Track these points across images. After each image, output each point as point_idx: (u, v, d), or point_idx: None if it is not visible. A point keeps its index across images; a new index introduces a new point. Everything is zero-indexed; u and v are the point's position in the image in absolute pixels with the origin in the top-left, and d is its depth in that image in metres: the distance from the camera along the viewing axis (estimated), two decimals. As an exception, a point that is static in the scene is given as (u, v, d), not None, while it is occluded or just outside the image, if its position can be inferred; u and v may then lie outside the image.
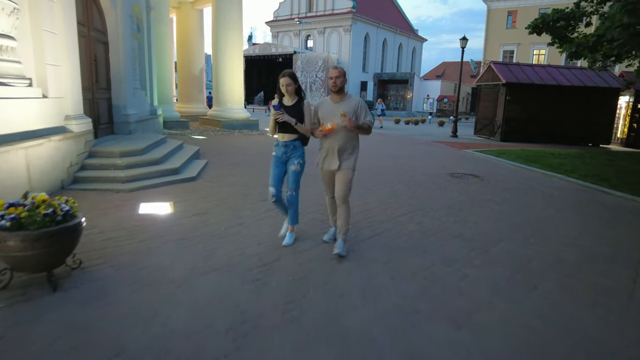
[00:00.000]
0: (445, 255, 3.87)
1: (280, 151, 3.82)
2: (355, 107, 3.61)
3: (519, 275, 3.49)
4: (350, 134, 3.64)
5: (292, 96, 3.74)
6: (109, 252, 3.60)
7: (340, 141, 3.64)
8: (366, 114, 3.64)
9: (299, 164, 3.80)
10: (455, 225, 4.80)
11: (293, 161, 3.81)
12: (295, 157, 3.79)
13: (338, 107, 3.58)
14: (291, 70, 3.80)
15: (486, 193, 6.57)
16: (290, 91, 3.69)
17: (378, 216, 4.99)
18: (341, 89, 3.64)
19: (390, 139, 15.42)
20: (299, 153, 3.80)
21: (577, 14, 9.92)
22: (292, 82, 3.66)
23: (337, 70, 3.61)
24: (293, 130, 3.69)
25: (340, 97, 3.68)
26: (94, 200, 5.09)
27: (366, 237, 4.26)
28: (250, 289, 3.02)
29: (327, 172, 3.79)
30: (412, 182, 7.07)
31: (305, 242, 4.03)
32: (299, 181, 3.87)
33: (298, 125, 3.65)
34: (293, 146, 3.81)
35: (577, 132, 16.38)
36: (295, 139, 3.77)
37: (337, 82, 3.58)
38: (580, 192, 7.12)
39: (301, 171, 3.84)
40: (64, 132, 5.54)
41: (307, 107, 3.74)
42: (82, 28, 6.50)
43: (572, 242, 4.43)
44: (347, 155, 3.69)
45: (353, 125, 3.47)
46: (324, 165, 3.77)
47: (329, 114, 3.62)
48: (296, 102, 3.73)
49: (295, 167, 3.78)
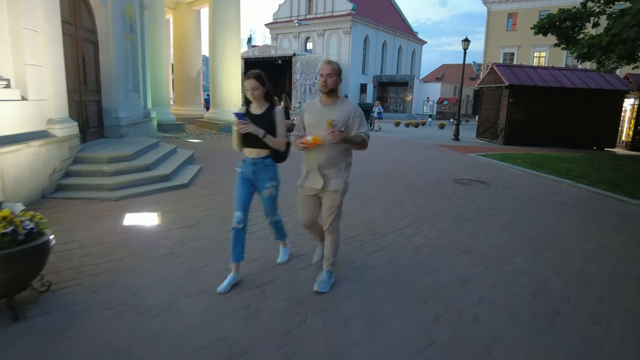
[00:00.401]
0: (456, 273, 3.53)
1: (248, 170, 3.12)
2: (347, 115, 2.89)
3: (538, 298, 3.14)
4: (340, 147, 2.92)
5: (261, 102, 3.07)
6: (85, 270, 3.26)
7: (325, 155, 2.92)
8: (361, 125, 2.90)
9: (273, 187, 3.14)
10: (465, 238, 4.46)
11: (264, 185, 3.12)
12: (266, 179, 3.10)
13: (326, 113, 2.88)
14: (257, 70, 3.06)
15: (494, 201, 6.23)
16: (258, 96, 3.02)
17: (381, 227, 4.65)
18: (333, 90, 2.92)
19: (390, 143, 15.10)
20: (271, 174, 3.12)
21: (584, 14, 9.61)
22: (258, 85, 2.98)
23: (329, 66, 2.87)
24: (263, 144, 3.00)
25: (331, 100, 2.95)
26: (77, 210, 4.74)
27: (369, 252, 3.91)
28: (240, 317, 2.67)
29: (308, 192, 3.07)
30: (415, 189, 6.73)
31: (302, 258, 3.68)
32: (276, 206, 3.30)
33: (268, 138, 2.96)
34: (263, 165, 3.09)
35: (581, 135, 16.07)
36: (266, 155, 3.08)
37: (328, 82, 2.85)
38: (592, 200, 6.78)
39: (276, 194, 3.23)
40: (45, 137, 5.20)
41: (280, 115, 3.08)
42: (68, 27, 6.17)
43: (591, 257, 4.09)
44: (335, 174, 2.98)
45: (339, 139, 2.72)
46: (305, 183, 3.07)
47: (315, 120, 2.93)
48: (266, 110, 3.06)
49: (269, 192, 3.14)
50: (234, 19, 14.03)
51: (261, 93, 3.02)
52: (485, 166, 9.97)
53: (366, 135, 2.92)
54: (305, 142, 2.85)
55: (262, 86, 3.01)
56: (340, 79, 2.91)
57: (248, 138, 2.99)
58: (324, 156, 2.93)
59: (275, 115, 3.05)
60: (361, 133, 2.90)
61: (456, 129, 17.51)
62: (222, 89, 14.25)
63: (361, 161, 9.34)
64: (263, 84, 3.01)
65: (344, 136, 2.79)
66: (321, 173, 2.97)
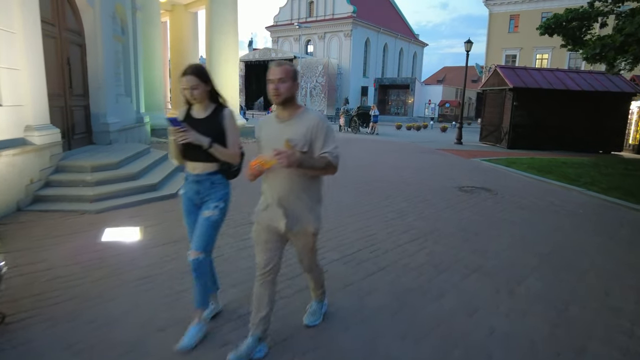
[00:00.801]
0: (464, 298, 3.16)
1: (191, 190, 2.47)
2: (308, 130, 2.14)
3: (559, 330, 2.77)
4: (304, 176, 2.20)
5: (205, 104, 2.42)
6: (48, 298, 2.90)
7: (288, 184, 2.20)
8: (326, 142, 2.16)
9: (218, 210, 2.43)
10: (472, 254, 4.09)
11: (208, 205, 2.43)
12: (213, 199, 2.43)
13: (284, 131, 2.16)
14: (197, 64, 2.41)
15: (502, 211, 5.86)
16: (199, 96, 2.35)
17: (382, 243, 4.28)
18: (289, 100, 2.16)
19: (391, 147, 14.75)
20: (221, 194, 2.45)
21: (592, 14, 9.25)
22: (198, 82, 2.32)
23: (280, 69, 2.11)
24: (209, 156, 2.37)
25: (288, 113, 2.20)
26: (52, 225, 4.40)
27: (369, 272, 3.54)
28: (219, 357, 2.31)
29: (266, 229, 2.30)
30: (418, 199, 6.36)
31: (293, 281, 3.31)
32: (213, 237, 2.46)
33: (215, 149, 2.33)
34: (210, 182, 2.43)
35: (587, 138, 15.68)
36: (213, 170, 2.43)
37: (280, 89, 2.11)
38: (606, 210, 6.40)
39: (219, 221, 2.45)
40: (22, 145, 4.86)
41: (230, 118, 2.42)
42: (50, 28, 5.84)
43: (613, 278, 3.71)
44: (302, 209, 2.25)
45: (292, 162, 1.98)
46: (262, 217, 2.31)
47: (272, 140, 2.17)
48: (212, 113, 2.42)
49: (210, 214, 2.41)
50: (231, 21, 13.72)
51: (203, 92, 2.36)
52: (490, 172, 9.59)
53: (334, 157, 2.15)
54: (250, 167, 2.09)
55: (204, 83, 2.35)
56: (296, 84, 2.19)
57: (190, 149, 2.36)
58: (286, 186, 2.20)
59: (224, 120, 2.41)
60: (326, 153, 2.13)
61: (459, 132, 17.15)
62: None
63: (360, 168, 8.99)
64: (205, 81, 2.36)
65: (300, 159, 2.03)
66: (283, 208, 2.22)
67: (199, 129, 2.32)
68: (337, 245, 4.14)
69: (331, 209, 5.50)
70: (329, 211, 5.35)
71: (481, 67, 35.69)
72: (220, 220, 2.46)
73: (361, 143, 15.87)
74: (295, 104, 2.23)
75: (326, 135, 2.17)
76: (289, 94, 2.15)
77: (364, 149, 13.53)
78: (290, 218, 2.24)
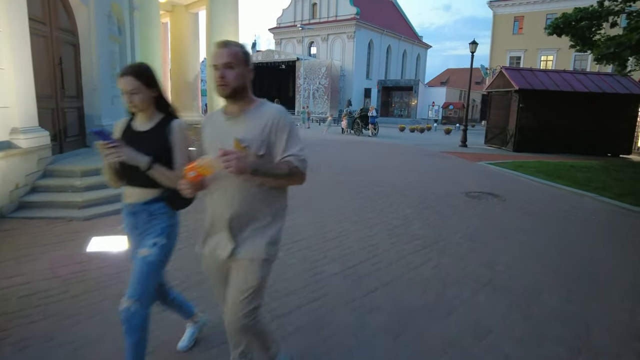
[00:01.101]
0: (474, 317, 2.89)
1: (129, 224, 2.00)
2: (265, 128, 1.69)
3: (581, 358, 2.50)
4: (260, 187, 1.71)
5: (149, 113, 1.94)
6: (22, 317, 2.67)
7: (237, 199, 1.71)
8: (290, 143, 1.69)
9: (157, 248, 1.91)
10: (481, 267, 3.82)
11: (147, 241, 1.92)
12: (152, 233, 1.93)
13: (233, 128, 1.70)
14: (141, 63, 1.96)
15: (511, 219, 5.58)
16: (140, 104, 1.87)
17: (385, 254, 4.02)
18: (239, 91, 1.70)
19: (394, 150, 14.48)
20: (161, 227, 1.94)
21: (602, 13, 8.97)
22: (139, 85, 1.85)
23: (226, 50, 1.65)
24: (149, 181, 1.87)
25: (238, 108, 1.73)
26: (37, 233, 4.17)
27: (370, 288, 3.28)
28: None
29: (214, 262, 1.84)
30: (423, 205, 6.09)
31: (290, 297, 3.06)
32: (151, 283, 1.95)
33: (155, 170, 1.83)
34: (147, 213, 1.93)
35: (595, 141, 15.33)
36: (152, 198, 1.93)
37: (228, 76, 1.64)
38: (621, 217, 6.11)
39: (158, 262, 1.94)
40: (7, 148, 4.64)
41: (180, 132, 1.94)
42: (40, 26, 5.64)
43: (637, 295, 3.43)
44: (253, 231, 1.74)
45: (244, 168, 1.51)
46: (206, 247, 1.84)
47: (218, 140, 1.70)
48: (157, 125, 1.94)
49: (146, 253, 1.90)
50: (231, 21, 13.51)
51: (145, 99, 1.88)
52: (496, 176, 9.31)
53: (300, 161, 1.67)
54: (185, 174, 1.54)
55: (147, 88, 1.87)
56: (249, 70, 1.71)
57: (126, 170, 1.86)
58: (235, 201, 1.70)
59: (171, 134, 1.91)
60: (290, 157, 1.66)
61: (464, 135, 16.86)
62: (220, 94, 13.73)
63: (363, 172, 8.73)
64: (148, 85, 1.87)
65: (254, 164, 1.57)
66: (231, 230, 1.72)
67: (139, 145, 1.83)
68: (338, 256, 3.89)
69: (333, 216, 5.25)
70: (330, 219, 5.10)
71: (486, 68, 35.34)
72: (159, 261, 1.94)
73: (364, 145, 15.61)
74: (249, 96, 1.75)
75: (289, 134, 1.69)
76: (239, 84, 1.67)
77: (367, 152, 13.27)
78: (238, 239, 1.73)
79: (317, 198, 6.17)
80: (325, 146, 14.54)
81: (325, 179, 7.82)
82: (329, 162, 10.44)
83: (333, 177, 8.10)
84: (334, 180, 7.75)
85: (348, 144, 15.71)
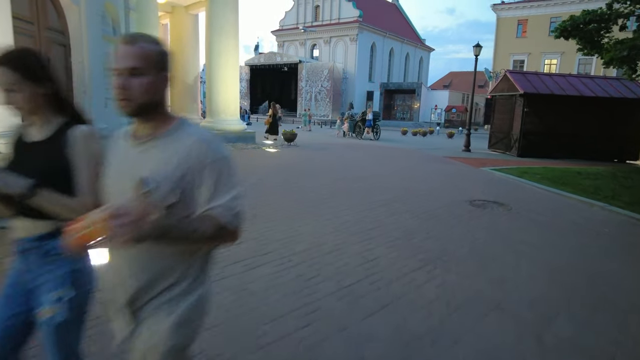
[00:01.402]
0: (482, 347, 2.61)
1: (19, 265, 1.45)
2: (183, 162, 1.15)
3: (606, 398, 2.22)
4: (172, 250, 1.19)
5: (45, 117, 1.41)
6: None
7: (140, 261, 1.20)
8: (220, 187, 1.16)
9: (63, 304, 1.38)
10: (490, 286, 3.54)
11: (47, 296, 1.38)
12: (50, 284, 1.40)
13: (138, 161, 1.19)
14: (22, 49, 1.38)
15: (519, 230, 5.30)
16: (23, 104, 1.34)
17: (385, 271, 3.74)
18: (149, 108, 1.17)
19: (396, 154, 14.21)
20: (62, 273, 1.40)
21: (611, 16, 8.69)
22: (19, 79, 1.30)
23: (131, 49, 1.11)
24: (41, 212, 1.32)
25: (150, 130, 1.21)
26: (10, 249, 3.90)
27: (367, 311, 3.00)
28: None
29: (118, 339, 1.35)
30: (426, 214, 5.81)
31: (280, 322, 2.78)
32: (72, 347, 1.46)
33: (41, 197, 1.28)
34: (41, 253, 1.40)
35: (601, 147, 15.02)
36: (49, 232, 1.38)
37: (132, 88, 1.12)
38: (634, 228, 5.81)
39: (75, 320, 1.44)
40: (-14, 154, 4.39)
41: (83, 143, 1.38)
42: (27, 26, 5.41)
43: (658, 319, 3.15)
44: (159, 306, 1.22)
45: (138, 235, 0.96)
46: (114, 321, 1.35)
47: (120, 176, 1.22)
48: (55, 134, 1.40)
49: (50, 313, 1.37)
50: (231, 22, 13.32)
51: (30, 97, 1.34)
52: (502, 183, 9.02)
53: (232, 216, 1.16)
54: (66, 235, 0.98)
55: (31, 83, 1.33)
56: (164, 77, 1.19)
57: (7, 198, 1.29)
58: (135, 264, 1.21)
59: (70, 145, 1.37)
60: (217, 209, 1.15)
61: (467, 139, 16.57)
62: (219, 97, 13.52)
63: (363, 178, 8.47)
64: (32, 79, 1.32)
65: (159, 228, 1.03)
66: (131, 303, 1.24)
67: (28, 161, 1.36)
68: (334, 274, 3.61)
69: (330, 225, 4.98)
70: (327, 229, 4.83)
71: (491, 72, 35.05)
72: (72, 320, 1.41)
73: (365, 149, 15.35)
74: (164, 112, 1.23)
75: (219, 175, 1.16)
76: (148, 98, 1.14)
77: (367, 157, 13.00)
78: (138, 319, 1.23)
79: (316, 205, 5.91)
80: (326, 150, 14.29)
81: (325, 185, 7.56)
82: (329, 166, 10.19)
83: (333, 183, 7.83)
84: (333, 186, 7.48)
85: (349, 148, 15.45)
